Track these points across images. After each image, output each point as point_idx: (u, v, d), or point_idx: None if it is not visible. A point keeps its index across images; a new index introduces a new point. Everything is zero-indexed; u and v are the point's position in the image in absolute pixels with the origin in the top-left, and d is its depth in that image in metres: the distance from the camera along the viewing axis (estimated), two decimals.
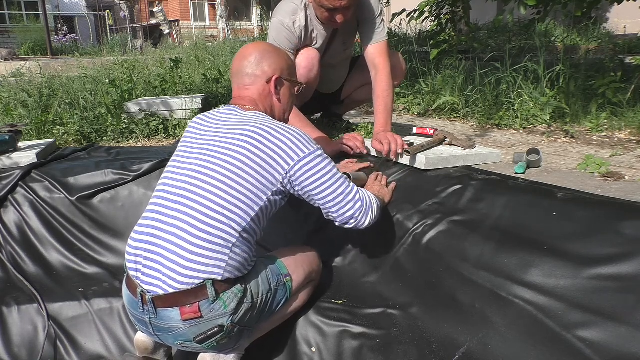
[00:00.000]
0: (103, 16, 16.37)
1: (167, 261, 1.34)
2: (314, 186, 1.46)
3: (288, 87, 1.65)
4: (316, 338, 1.65)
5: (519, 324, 1.42)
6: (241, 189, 1.38)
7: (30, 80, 5.12)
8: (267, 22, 13.54)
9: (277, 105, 1.63)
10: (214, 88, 4.54)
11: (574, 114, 2.97)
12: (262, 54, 1.59)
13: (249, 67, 1.58)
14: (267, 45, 1.67)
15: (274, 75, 1.58)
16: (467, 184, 1.83)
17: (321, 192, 1.47)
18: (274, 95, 1.60)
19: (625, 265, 1.34)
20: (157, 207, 1.43)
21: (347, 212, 1.51)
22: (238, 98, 1.59)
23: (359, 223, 1.53)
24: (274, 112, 1.63)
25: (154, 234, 1.39)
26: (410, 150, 1.98)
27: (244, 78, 1.58)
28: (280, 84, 1.61)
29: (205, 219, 1.35)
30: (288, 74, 1.64)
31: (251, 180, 1.39)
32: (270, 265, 1.54)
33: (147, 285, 1.36)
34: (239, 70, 1.60)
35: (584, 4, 3.58)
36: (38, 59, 9.60)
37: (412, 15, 5.02)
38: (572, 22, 6.75)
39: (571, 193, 1.63)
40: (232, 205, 1.37)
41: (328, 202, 1.49)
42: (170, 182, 1.45)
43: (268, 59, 1.59)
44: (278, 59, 1.61)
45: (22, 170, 2.23)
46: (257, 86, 1.58)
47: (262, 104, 1.59)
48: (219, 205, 1.36)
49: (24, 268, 2.06)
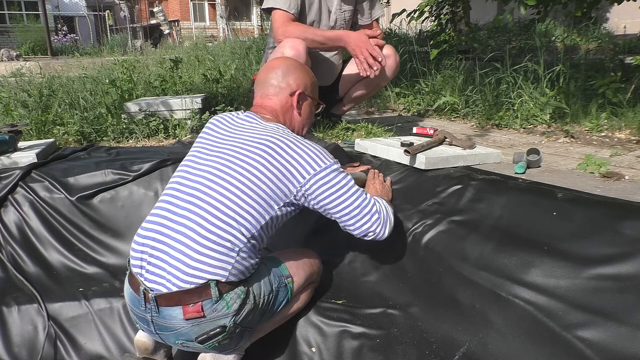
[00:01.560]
0: (103, 16, 16.38)
1: (173, 259, 1.34)
2: (329, 199, 1.48)
3: (309, 103, 1.70)
4: (316, 338, 1.65)
5: (519, 324, 1.42)
6: (255, 196, 1.39)
7: (30, 80, 5.12)
8: (267, 22, 13.55)
9: (296, 119, 1.67)
10: (214, 88, 4.54)
11: (574, 114, 2.97)
12: (288, 68, 1.66)
13: (275, 78, 1.64)
14: (294, 61, 1.74)
15: (298, 89, 1.64)
16: (467, 184, 1.83)
17: (337, 206, 1.49)
18: (295, 109, 1.65)
19: (625, 265, 1.34)
20: (167, 205, 1.43)
21: (364, 225, 1.52)
22: (260, 106, 1.64)
23: (377, 235, 1.55)
24: (293, 125, 1.67)
25: (162, 231, 1.39)
26: (410, 150, 1.99)
27: (269, 88, 1.64)
28: (302, 99, 1.66)
29: (215, 221, 1.36)
30: (311, 91, 1.70)
31: (265, 189, 1.41)
32: (272, 267, 1.55)
33: (150, 282, 1.36)
34: (264, 80, 1.66)
35: (584, 4, 3.59)
36: (38, 59, 9.60)
37: (412, 15, 5.03)
38: (572, 22, 6.75)
39: (571, 193, 1.63)
40: (244, 211, 1.38)
41: (344, 216, 1.51)
42: (184, 182, 1.45)
43: (294, 73, 1.65)
44: (303, 75, 1.67)
45: (22, 170, 2.23)
46: (280, 97, 1.63)
47: (283, 116, 1.64)
48: (231, 209, 1.37)
49: (24, 268, 2.06)
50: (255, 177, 1.40)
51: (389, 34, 6.78)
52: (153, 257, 1.38)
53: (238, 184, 1.39)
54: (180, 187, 1.45)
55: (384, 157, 2.21)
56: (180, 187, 1.45)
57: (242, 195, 1.38)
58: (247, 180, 1.39)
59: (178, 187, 1.45)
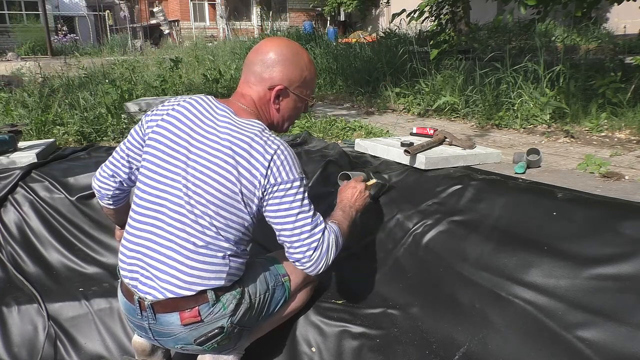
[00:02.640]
0: (103, 16, 16.38)
1: (169, 267, 1.32)
2: (278, 213, 1.36)
3: (293, 99, 1.49)
4: (316, 338, 1.65)
5: (519, 324, 1.42)
6: (231, 208, 1.33)
7: (30, 80, 5.12)
8: (267, 22, 13.55)
9: (274, 115, 1.50)
10: (213, 88, 4.54)
11: (574, 114, 2.97)
12: (278, 57, 1.43)
13: (260, 64, 1.44)
14: (288, 49, 1.46)
15: (280, 85, 1.44)
16: (467, 184, 1.83)
17: (281, 222, 1.36)
18: (272, 104, 1.47)
19: (625, 265, 1.34)
20: (153, 212, 1.37)
21: (295, 253, 1.37)
22: (240, 94, 1.48)
23: (304, 269, 1.39)
24: (271, 120, 1.51)
25: (151, 247, 1.35)
26: (410, 150, 1.98)
27: (250, 75, 1.46)
28: (284, 95, 1.46)
29: (203, 237, 1.32)
30: (298, 87, 1.48)
31: (238, 198, 1.33)
32: (268, 266, 1.54)
33: (144, 292, 1.34)
34: (249, 63, 1.47)
35: (584, 4, 3.58)
36: (38, 59, 9.60)
37: (412, 15, 5.02)
38: (572, 22, 6.75)
39: (571, 193, 1.63)
40: (224, 224, 1.34)
41: (283, 234, 1.38)
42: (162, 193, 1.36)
43: (281, 65, 1.43)
44: (292, 69, 1.45)
45: (22, 170, 2.23)
46: (258, 88, 1.45)
47: (260, 109, 1.48)
48: (213, 225, 1.32)
49: (24, 268, 2.06)
50: (225, 187, 1.31)
51: (389, 33, 6.79)
52: (145, 269, 1.35)
53: (212, 198, 1.32)
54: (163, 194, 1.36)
55: (384, 157, 2.21)
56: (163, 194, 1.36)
57: (218, 210, 1.32)
58: (220, 193, 1.32)
59: (159, 194, 1.36)
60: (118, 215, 1.67)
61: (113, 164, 1.54)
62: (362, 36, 10.69)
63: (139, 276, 1.36)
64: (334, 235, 1.42)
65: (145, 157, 1.41)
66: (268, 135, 1.36)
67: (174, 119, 1.40)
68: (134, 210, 1.41)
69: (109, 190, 1.56)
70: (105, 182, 1.55)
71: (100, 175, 1.56)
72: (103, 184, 1.56)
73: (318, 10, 18.67)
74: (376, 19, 16.66)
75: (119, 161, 1.53)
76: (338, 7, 16.54)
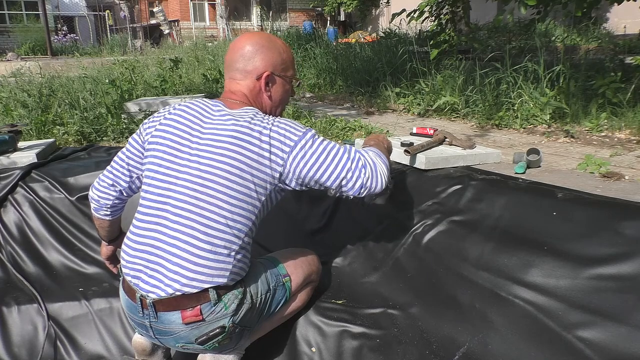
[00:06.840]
0: (103, 16, 16.36)
1: (172, 264, 1.33)
2: (313, 169, 1.40)
3: (281, 83, 1.56)
4: (316, 338, 1.65)
5: (519, 324, 1.42)
6: (242, 196, 1.36)
7: (30, 80, 5.12)
8: (267, 22, 13.55)
9: (267, 103, 1.56)
10: (213, 88, 4.54)
11: (574, 114, 2.97)
12: (254, 47, 1.50)
13: (241, 61, 1.51)
14: (260, 37, 1.55)
15: (265, 72, 1.51)
16: (467, 184, 1.83)
17: (324, 173, 1.41)
18: (264, 92, 1.53)
19: (625, 265, 1.34)
20: (157, 212, 1.38)
21: (356, 184, 1.43)
22: (229, 92, 1.53)
23: (372, 189, 1.46)
24: (265, 108, 1.56)
25: (155, 244, 1.36)
26: (410, 150, 1.98)
27: (235, 73, 1.52)
28: (272, 80, 1.53)
29: (209, 231, 1.33)
30: (281, 70, 1.55)
31: (250, 185, 1.36)
32: (269, 266, 1.55)
33: (147, 290, 1.35)
34: (230, 63, 1.54)
35: (584, 4, 3.58)
36: (38, 59, 9.60)
37: (412, 15, 5.02)
38: (572, 22, 6.75)
39: (571, 193, 1.63)
40: (235, 214, 1.35)
41: (335, 181, 1.43)
42: (168, 186, 1.38)
43: (260, 53, 1.50)
44: (271, 54, 1.52)
45: (22, 170, 2.23)
46: (247, 82, 1.51)
47: (253, 100, 1.53)
48: (222, 216, 1.34)
49: (24, 268, 2.06)
50: (237, 176, 1.35)
51: (389, 33, 6.79)
52: (149, 267, 1.36)
53: (224, 188, 1.34)
54: (165, 199, 1.38)
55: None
56: (165, 199, 1.38)
57: (229, 199, 1.34)
58: (231, 182, 1.34)
59: (161, 199, 1.38)
60: (111, 228, 1.69)
61: (113, 173, 1.56)
62: (362, 36, 10.70)
63: (142, 274, 1.37)
64: (372, 152, 1.53)
65: (149, 160, 1.44)
66: (262, 116, 1.44)
67: (172, 120, 1.45)
68: (139, 210, 1.43)
69: (108, 200, 1.58)
70: (105, 192, 1.57)
71: (99, 184, 1.58)
72: (103, 193, 1.57)
73: (318, 10, 18.69)
74: (376, 19, 16.67)
75: (118, 170, 1.55)
76: (338, 7, 16.56)
